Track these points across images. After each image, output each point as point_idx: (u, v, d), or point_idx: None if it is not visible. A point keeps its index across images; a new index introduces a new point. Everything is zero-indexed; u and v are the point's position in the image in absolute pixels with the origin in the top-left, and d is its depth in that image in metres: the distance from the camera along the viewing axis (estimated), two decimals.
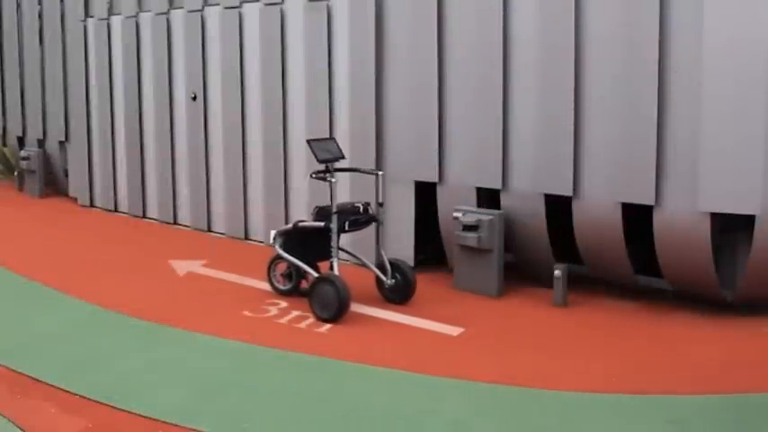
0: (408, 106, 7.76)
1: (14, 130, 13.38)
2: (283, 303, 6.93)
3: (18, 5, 12.85)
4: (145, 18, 10.51)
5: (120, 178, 11.27)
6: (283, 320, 6.49)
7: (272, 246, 7.02)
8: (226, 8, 9.40)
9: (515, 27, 7.00)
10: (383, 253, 6.94)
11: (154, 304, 6.88)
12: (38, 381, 5.16)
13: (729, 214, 6.14)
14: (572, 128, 6.66)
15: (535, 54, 6.87)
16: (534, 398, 4.95)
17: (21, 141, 13.34)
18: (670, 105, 6.23)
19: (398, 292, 6.89)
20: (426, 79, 7.55)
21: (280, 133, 8.94)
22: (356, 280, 6.79)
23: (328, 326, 6.34)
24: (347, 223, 6.60)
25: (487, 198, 7.38)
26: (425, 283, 7.57)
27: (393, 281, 6.86)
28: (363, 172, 7.30)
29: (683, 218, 6.23)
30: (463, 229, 7.03)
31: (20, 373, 5.29)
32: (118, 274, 7.91)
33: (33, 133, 12.82)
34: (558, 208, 6.91)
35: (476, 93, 7.25)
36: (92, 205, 11.79)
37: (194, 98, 9.87)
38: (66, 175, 12.36)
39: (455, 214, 7.13)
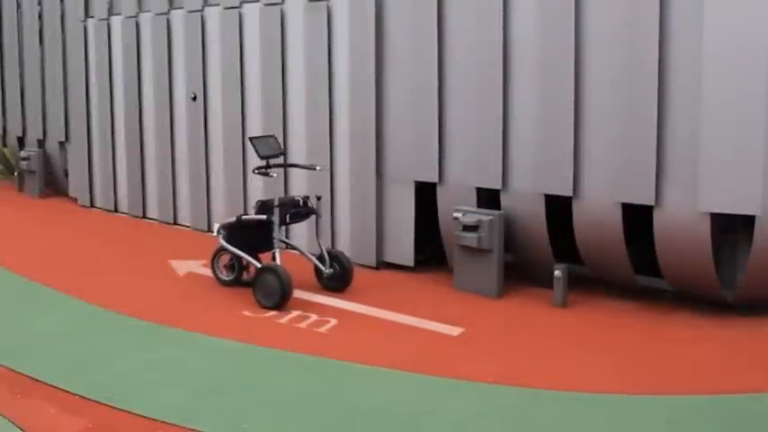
0: (408, 106, 7.77)
1: (14, 130, 13.38)
2: None
3: (18, 5, 12.86)
4: (145, 18, 10.51)
5: (120, 178, 11.27)
6: (283, 320, 6.49)
7: (217, 238, 7.37)
8: (226, 8, 9.40)
9: (515, 27, 6.99)
10: (321, 244, 7.28)
11: (154, 304, 6.88)
12: (38, 381, 5.16)
13: (729, 214, 6.14)
14: (572, 128, 6.66)
15: (535, 54, 6.87)
16: (534, 398, 4.95)
17: (21, 141, 13.34)
18: (670, 105, 6.23)
19: (336, 281, 7.25)
20: (426, 79, 7.55)
21: (280, 132, 8.93)
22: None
23: (328, 326, 6.34)
24: (288, 216, 6.95)
25: (487, 198, 7.39)
26: (425, 283, 7.59)
27: (331, 270, 7.22)
28: (303, 167, 7.69)
29: (683, 218, 6.23)
30: (463, 230, 7.03)
31: (20, 373, 5.29)
32: (118, 275, 7.91)
33: (33, 133, 12.82)
34: (558, 208, 6.91)
35: (476, 93, 7.25)
36: (92, 205, 11.79)
37: (194, 98, 9.87)
38: (66, 176, 12.36)
39: (455, 214, 7.13)
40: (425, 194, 7.80)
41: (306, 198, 7.20)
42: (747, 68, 5.88)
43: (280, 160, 7.49)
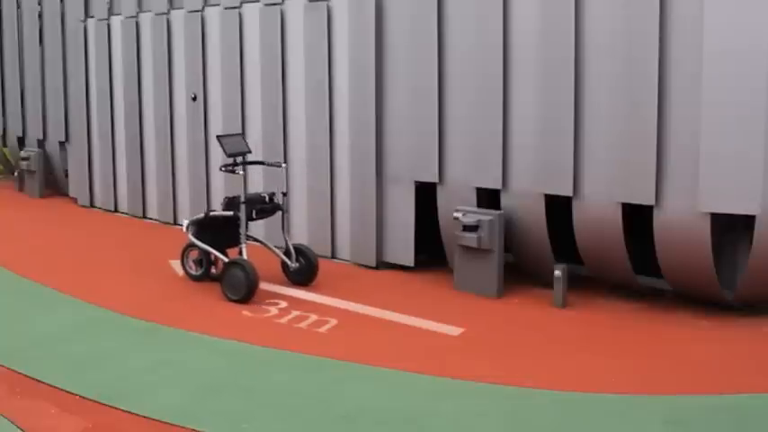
0: (408, 106, 7.76)
1: (14, 130, 13.38)
2: (283, 303, 6.93)
3: (18, 5, 12.86)
4: (145, 18, 10.51)
5: (120, 178, 11.27)
6: (283, 320, 6.49)
7: (186, 234, 7.52)
8: (226, 8, 9.40)
9: (515, 27, 6.99)
10: (288, 239, 7.48)
11: (154, 304, 6.88)
12: (38, 381, 5.16)
13: (729, 214, 6.14)
14: (572, 128, 6.66)
15: (535, 54, 6.87)
16: (534, 398, 4.95)
17: (21, 141, 13.34)
18: (670, 106, 6.23)
19: (302, 275, 7.43)
20: (426, 79, 7.55)
21: (280, 133, 8.94)
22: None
23: (328, 326, 6.35)
24: (254, 212, 7.13)
25: (487, 198, 7.38)
26: (425, 284, 7.59)
27: (297, 264, 7.41)
28: (269, 165, 7.85)
29: (682, 218, 6.23)
30: (463, 230, 7.03)
31: (20, 373, 5.30)
32: (118, 275, 7.91)
33: (33, 133, 12.82)
34: (559, 208, 6.91)
35: (476, 93, 7.25)
36: (92, 205, 11.79)
37: (194, 98, 9.87)
38: (66, 176, 12.36)
39: (455, 214, 7.13)
40: (425, 194, 7.80)
41: (272, 194, 7.37)
42: (747, 69, 5.88)
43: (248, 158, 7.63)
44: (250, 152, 7.44)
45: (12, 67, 13.25)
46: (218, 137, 7.34)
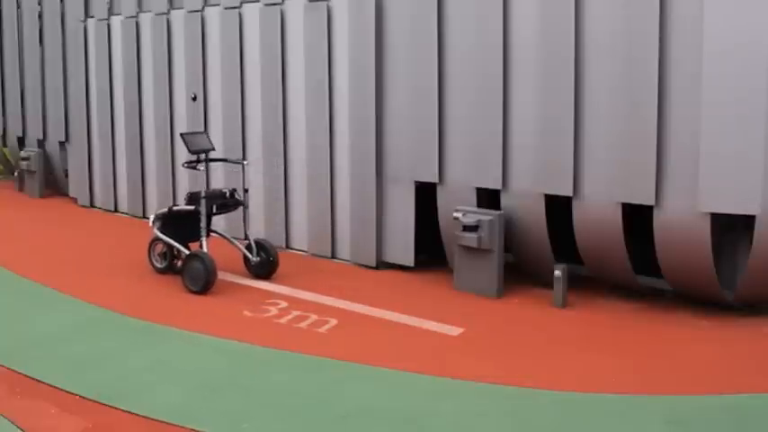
0: (408, 106, 7.76)
1: (14, 130, 13.38)
2: (283, 303, 6.93)
3: (18, 5, 12.86)
4: (145, 18, 10.51)
5: (120, 178, 11.27)
6: (283, 320, 6.49)
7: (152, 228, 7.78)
8: (226, 8, 9.40)
9: (516, 27, 6.99)
10: (249, 234, 7.77)
11: (153, 304, 6.89)
12: (38, 381, 5.16)
13: (729, 214, 6.14)
14: (572, 128, 6.66)
15: (535, 54, 6.87)
16: (534, 398, 4.95)
17: (21, 141, 13.34)
18: (670, 106, 6.23)
19: (263, 268, 7.67)
20: (426, 79, 7.55)
21: (280, 133, 8.94)
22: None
23: (328, 326, 6.34)
24: (214, 207, 7.39)
25: (487, 198, 7.38)
26: (425, 284, 7.59)
27: (258, 258, 7.65)
28: (231, 162, 8.24)
29: (682, 218, 6.23)
30: (463, 230, 7.03)
31: (20, 373, 5.30)
32: (118, 274, 7.91)
33: (33, 133, 12.82)
34: (559, 208, 6.91)
35: (476, 93, 7.25)
36: (92, 205, 11.79)
37: (194, 98, 9.87)
38: (66, 176, 12.36)
39: (455, 214, 7.13)
40: (425, 194, 7.80)
41: (233, 190, 7.62)
42: (747, 69, 5.88)
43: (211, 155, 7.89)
44: (213, 149, 7.72)
45: (12, 67, 13.26)
46: (181, 134, 7.66)
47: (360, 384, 5.16)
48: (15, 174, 13.75)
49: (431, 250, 7.97)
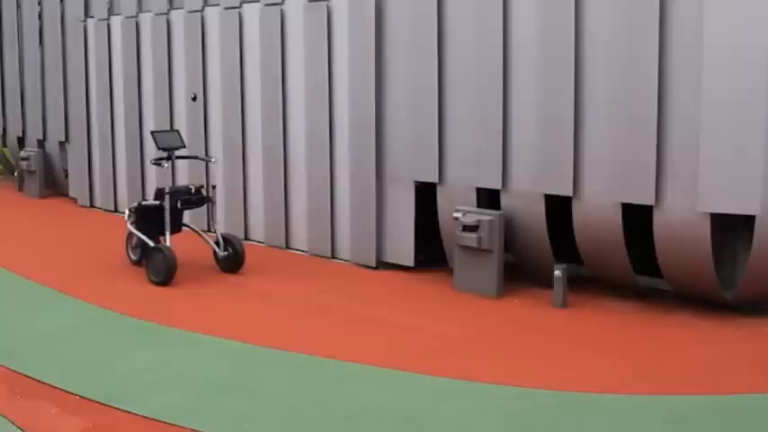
0: (408, 106, 7.76)
1: (14, 130, 13.39)
2: (283, 303, 6.93)
3: (18, 5, 12.87)
4: (145, 18, 10.52)
5: (119, 178, 11.27)
6: (283, 320, 6.48)
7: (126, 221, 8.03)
8: (226, 8, 9.40)
9: (516, 27, 6.99)
10: (217, 229, 8.01)
11: (153, 304, 6.89)
12: (38, 381, 5.16)
13: (729, 214, 6.14)
14: (572, 128, 6.66)
15: (535, 54, 6.87)
16: (534, 398, 4.95)
17: (21, 141, 13.34)
18: (670, 106, 6.23)
19: (230, 262, 7.89)
20: (426, 79, 7.55)
21: (279, 133, 8.94)
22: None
23: (328, 326, 6.34)
24: (179, 202, 7.58)
25: (487, 198, 7.38)
26: (425, 284, 7.59)
27: (226, 252, 7.89)
28: (201, 159, 8.56)
29: (683, 218, 6.23)
30: (463, 230, 7.03)
31: (20, 373, 5.29)
32: (117, 275, 7.91)
33: (33, 133, 12.83)
34: (559, 208, 6.91)
35: (476, 93, 7.25)
36: (92, 205, 11.80)
37: (194, 98, 9.87)
38: (67, 176, 12.36)
39: (455, 214, 7.13)
40: (425, 194, 7.80)
41: (200, 187, 7.84)
42: (747, 69, 5.87)
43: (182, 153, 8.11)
44: (184, 147, 7.92)
45: (12, 67, 13.26)
46: (151, 132, 7.94)
47: (360, 384, 5.16)
48: (15, 174, 13.75)
49: (431, 250, 7.97)
